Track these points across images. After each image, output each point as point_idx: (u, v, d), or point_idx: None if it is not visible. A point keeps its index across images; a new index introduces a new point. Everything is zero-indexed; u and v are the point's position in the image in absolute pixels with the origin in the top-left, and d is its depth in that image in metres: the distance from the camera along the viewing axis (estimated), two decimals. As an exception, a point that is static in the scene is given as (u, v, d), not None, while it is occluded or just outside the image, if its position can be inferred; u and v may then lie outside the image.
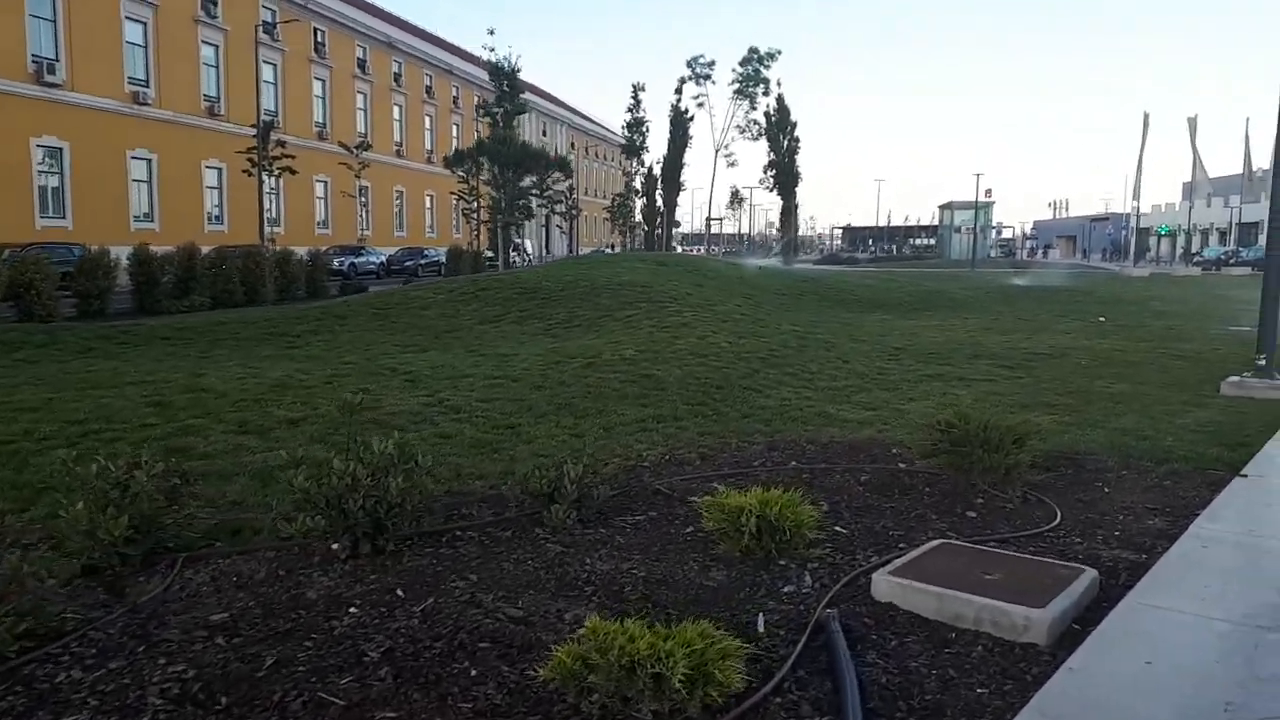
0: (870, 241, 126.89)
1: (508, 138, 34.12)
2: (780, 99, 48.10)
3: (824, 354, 11.89)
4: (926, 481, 6.04)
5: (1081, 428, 7.90)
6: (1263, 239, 58.79)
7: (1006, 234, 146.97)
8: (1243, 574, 3.85)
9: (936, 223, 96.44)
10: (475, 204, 38.15)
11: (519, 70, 39.01)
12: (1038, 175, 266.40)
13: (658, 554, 4.64)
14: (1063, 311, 21.25)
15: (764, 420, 7.94)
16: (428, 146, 59.81)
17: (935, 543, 4.68)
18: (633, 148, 54.71)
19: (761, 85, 47.95)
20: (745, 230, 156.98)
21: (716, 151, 51.04)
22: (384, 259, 42.70)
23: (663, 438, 7.14)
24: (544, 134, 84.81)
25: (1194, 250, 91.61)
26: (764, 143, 46.80)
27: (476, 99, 39.99)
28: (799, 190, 49.38)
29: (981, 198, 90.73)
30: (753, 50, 47.33)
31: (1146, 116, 55.24)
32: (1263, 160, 65.61)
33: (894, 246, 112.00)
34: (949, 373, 11.01)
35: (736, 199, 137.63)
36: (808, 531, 4.62)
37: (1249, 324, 19.34)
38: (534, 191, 44.88)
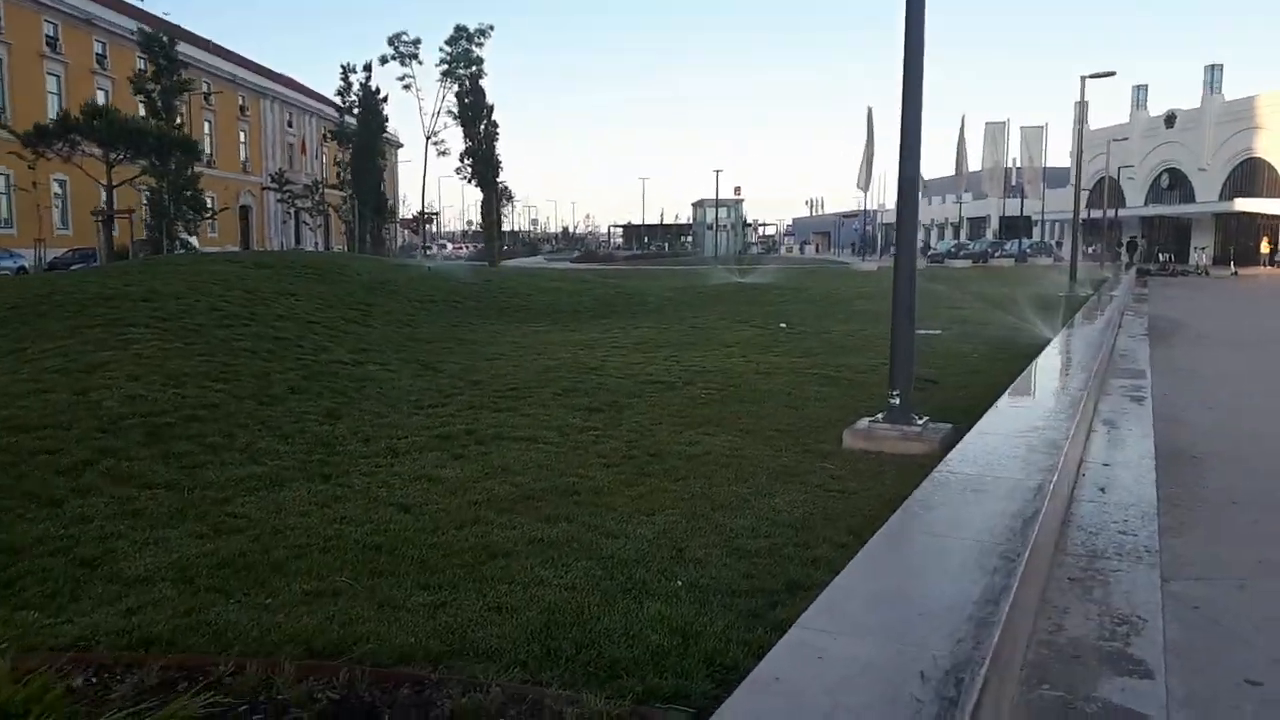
0: (646, 239, 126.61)
1: (101, 110, 28.12)
2: (474, 78, 43.33)
3: (312, 407, 8.09)
4: None
5: (559, 555, 4.53)
6: (989, 233, 61.58)
7: (770, 230, 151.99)
8: None
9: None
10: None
11: (176, 40, 33.03)
12: (800, 174, 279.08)
13: None
14: (752, 315, 18.72)
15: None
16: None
17: None
18: (345, 134, 48.85)
19: (473, 66, 43.60)
20: (516, 228, 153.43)
21: (428, 139, 46.42)
22: (23, 264, 35.26)
23: None
24: (290, 124, 76.64)
25: (929, 244, 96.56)
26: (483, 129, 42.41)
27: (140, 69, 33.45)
28: (503, 180, 45.52)
29: (731, 195, 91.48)
30: (460, 29, 42.85)
31: (870, 111, 56.13)
32: (974, 162, 69.21)
33: (666, 244, 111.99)
34: (492, 425, 7.54)
35: (507, 194, 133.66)
36: None
37: (940, 324, 17.64)
38: (277, 187, 37.88)
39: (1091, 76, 23.79)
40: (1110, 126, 69.99)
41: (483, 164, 42.75)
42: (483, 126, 42.72)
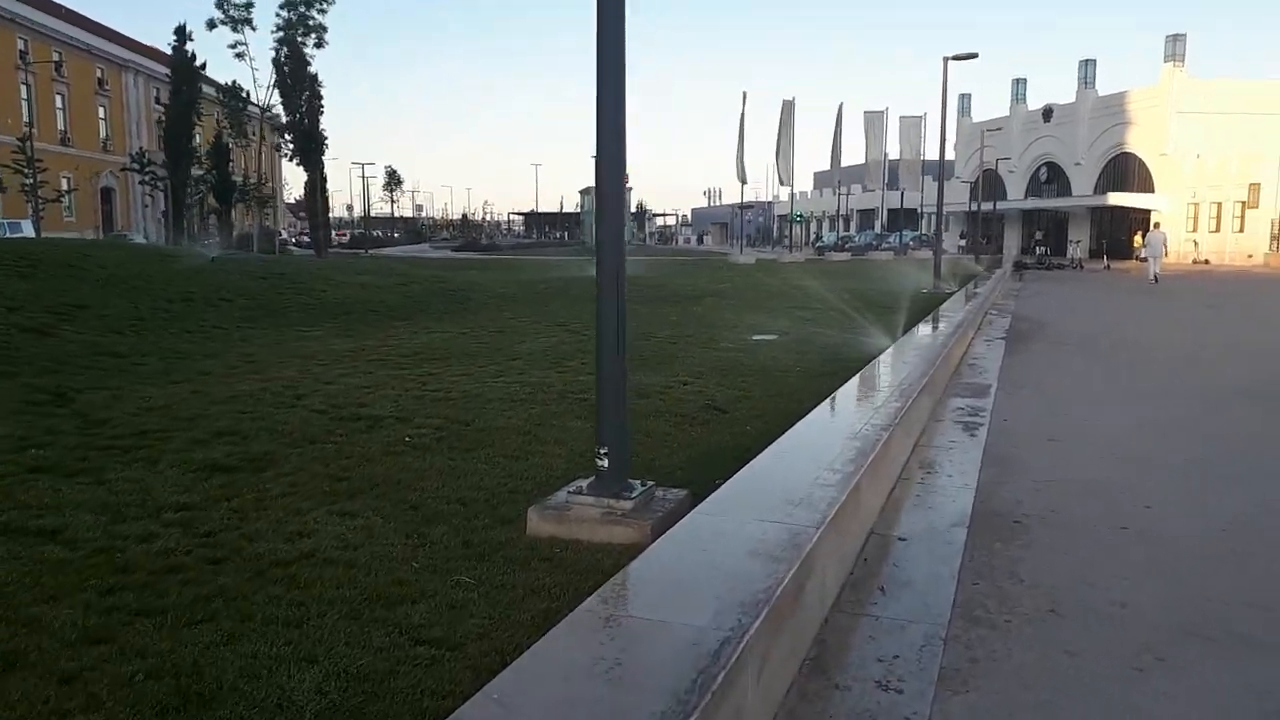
0: (546, 227, 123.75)
1: None
2: (293, 42, 39.54)
3: None
4: None
5: None
6: (877, 225, 60.81)
7: (670, 220, 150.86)
8: None
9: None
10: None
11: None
12: (703, 163, 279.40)
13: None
14: (579, 316, 16.53)
15: None
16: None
17: None
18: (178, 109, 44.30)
19: (314, 35, 39.70)
20: (422, 213, 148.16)
21: (262, 113, 42.29)
22: None
23: None
24: (158, 100, 69.82)
25: (819, 236, 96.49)
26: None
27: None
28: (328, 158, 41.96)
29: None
30: (296, -10, 39.16)
31: (745, 95, 54.77)
32: (853, 155, 68.45)
33: (566, 232, 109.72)
34: None
35: (395, 179, 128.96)
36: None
37: (780, 328, 15.70)
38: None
39: (954, 58, 22.28)
40: (991, 119, 70.44)
41: (305, 139, 39.04)
42: (304, 98, 39.00)
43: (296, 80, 38.55)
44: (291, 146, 39.71)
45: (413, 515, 5.24)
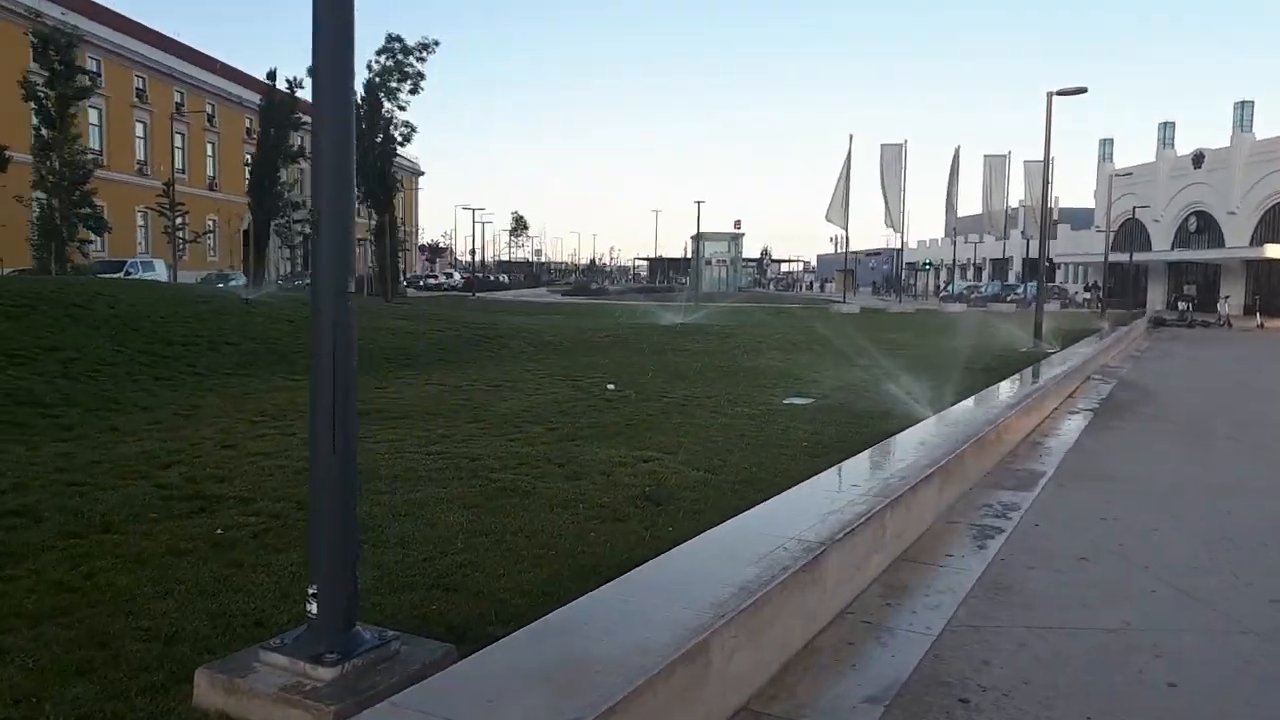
0: (670, 272, 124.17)
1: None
2: (371, 86, 39.68)
3: None
4: None
5: None
6: (1011, 275, 57.18)
7: (794, 266, 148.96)
8: None
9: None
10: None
11: (75, 42, 30.22)
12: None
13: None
14: (609, 369, 15.11)
15: None
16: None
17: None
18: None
19: (409, 81, 39.84)
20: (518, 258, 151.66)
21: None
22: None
23: None
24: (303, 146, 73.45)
25: (943, 284, 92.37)
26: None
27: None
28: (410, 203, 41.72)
29: (731, 229, 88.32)
30: (393, 38, 39.17)
31: (850, 137, 52.55)
32: (970, 205, 64.83)
33: (689, 277, 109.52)
34: None
35: (520, 225, 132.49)
36: None
37: (823, 390, 13.70)
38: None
39: (1059, 93, 19.78)
40: (1136, 166, 65.64)
41: (375, 183, 38.80)
42: (380, 140, 38.94)
43: (371, 124, 38.69)
44: (361, 190, 39.97)
45: (79, 659, 3.88)
